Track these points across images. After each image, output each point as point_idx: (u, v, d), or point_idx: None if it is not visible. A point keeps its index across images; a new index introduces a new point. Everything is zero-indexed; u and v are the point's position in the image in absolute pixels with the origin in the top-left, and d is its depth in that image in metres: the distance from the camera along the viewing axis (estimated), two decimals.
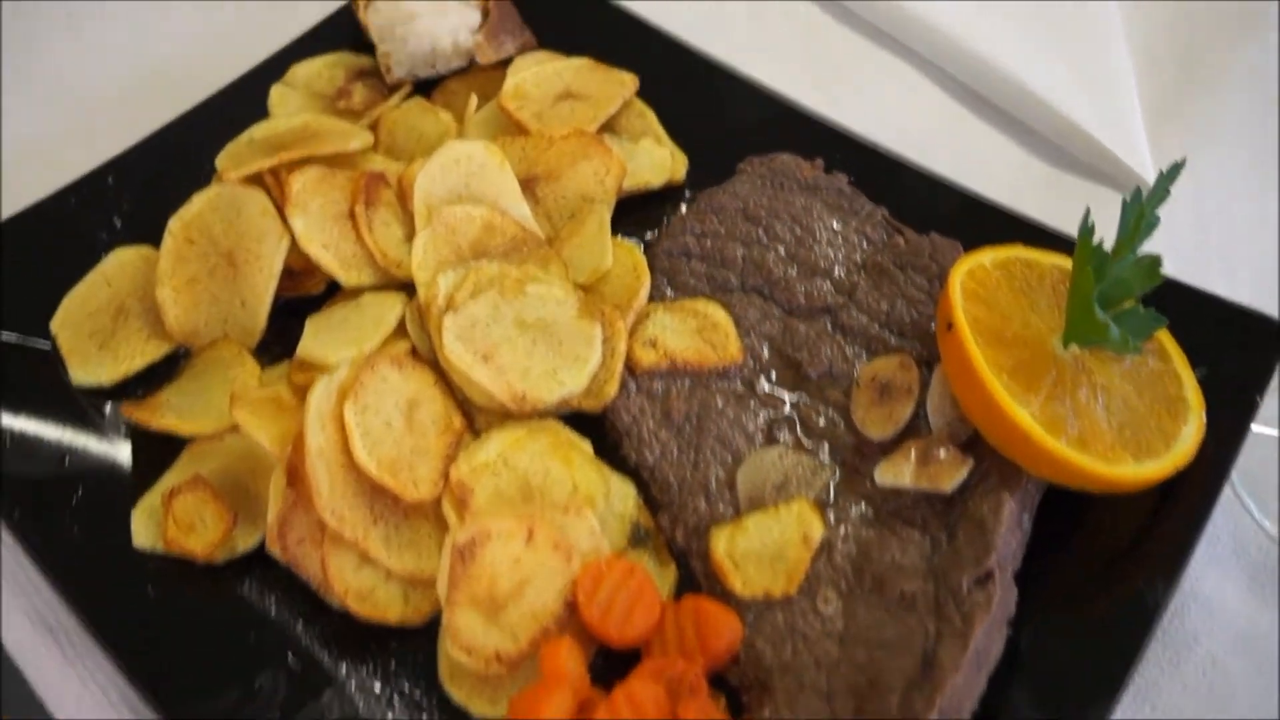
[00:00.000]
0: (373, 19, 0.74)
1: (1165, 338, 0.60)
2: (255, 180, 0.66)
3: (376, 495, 0.56)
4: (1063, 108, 0.76)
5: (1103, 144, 0.74)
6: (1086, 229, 0.55)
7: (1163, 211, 0.70)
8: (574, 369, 0.60)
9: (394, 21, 0.73)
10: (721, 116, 0.74)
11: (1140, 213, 0.57)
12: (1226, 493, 0.58)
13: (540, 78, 0.73)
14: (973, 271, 0.59)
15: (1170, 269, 0.58)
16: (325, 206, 0.66)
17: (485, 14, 0.75)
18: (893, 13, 0.83)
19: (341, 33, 0.78)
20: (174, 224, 0.66)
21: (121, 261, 0.69)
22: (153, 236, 0.67)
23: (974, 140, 0.78)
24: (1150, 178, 0.73)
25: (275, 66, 0.77)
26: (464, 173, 0.66)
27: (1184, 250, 0.72)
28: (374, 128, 0.73)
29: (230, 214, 0.66)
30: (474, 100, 0.72)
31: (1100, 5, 0.82)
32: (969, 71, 0.80)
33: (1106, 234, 0.72)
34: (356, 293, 0.65)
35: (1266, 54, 0.82)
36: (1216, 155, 0.77)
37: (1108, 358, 0.57)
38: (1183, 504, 0.57)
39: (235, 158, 0.69)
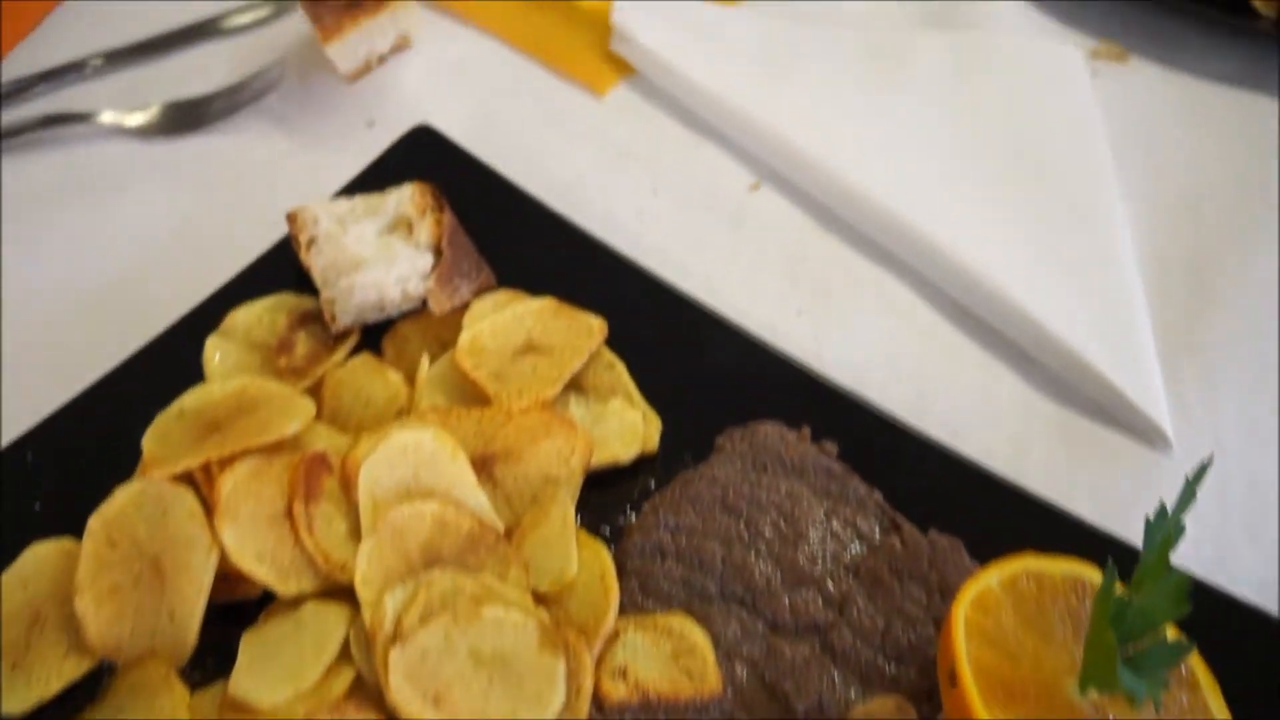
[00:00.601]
0: (315, 261, 0.70)
1: (1193, 659, 0.55)
2: (184, 474, 0.61)
3: None
4: (1073, 344, 0.71)
5: (1116, 386, 0.69)
6: (1106, 586, 0.50)
7: (1176, 465, 0.66)
8: (534, 710, 0.54)
9: (338, 268, 0.68)
10: (699, 363, 0.70)
11: (1166, 535, 0.52)
12: None
13: (499, 327, 0.69)
14: (978, 600, 0.54)
15: (1186, 535, 0.53)
16: (259, 509, 0.61)
17: (438, 253, 0.70)
18: (887, 225, 0.78)
19: (284, 269, 0.73)
20: (94, 523, 0.61)
21: (39, 558, 0.63)
22: (77, 523, 0.62)
23: (975, 373, 0.73)
24: (1166, 426, 0.69)
25: (211, 310, 0.72)
26: (413, 463, 0.62)
27: (1201, 511, 0.67)
28: (317, 386, 0.68)
29: (155, 514, 0.61)
30: (425, 362, 0.67)
31: (1110, 225, 0.78)
32: (970, 295, 0.76)
33: (1121, 496, 0.67)
34: (297, 600, 0.60)
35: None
36: (1235, 394, 0.72)
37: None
38: None
39: (163, 437, 0.64)
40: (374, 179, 0.77)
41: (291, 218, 0.71)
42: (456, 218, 0.74)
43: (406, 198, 0.72)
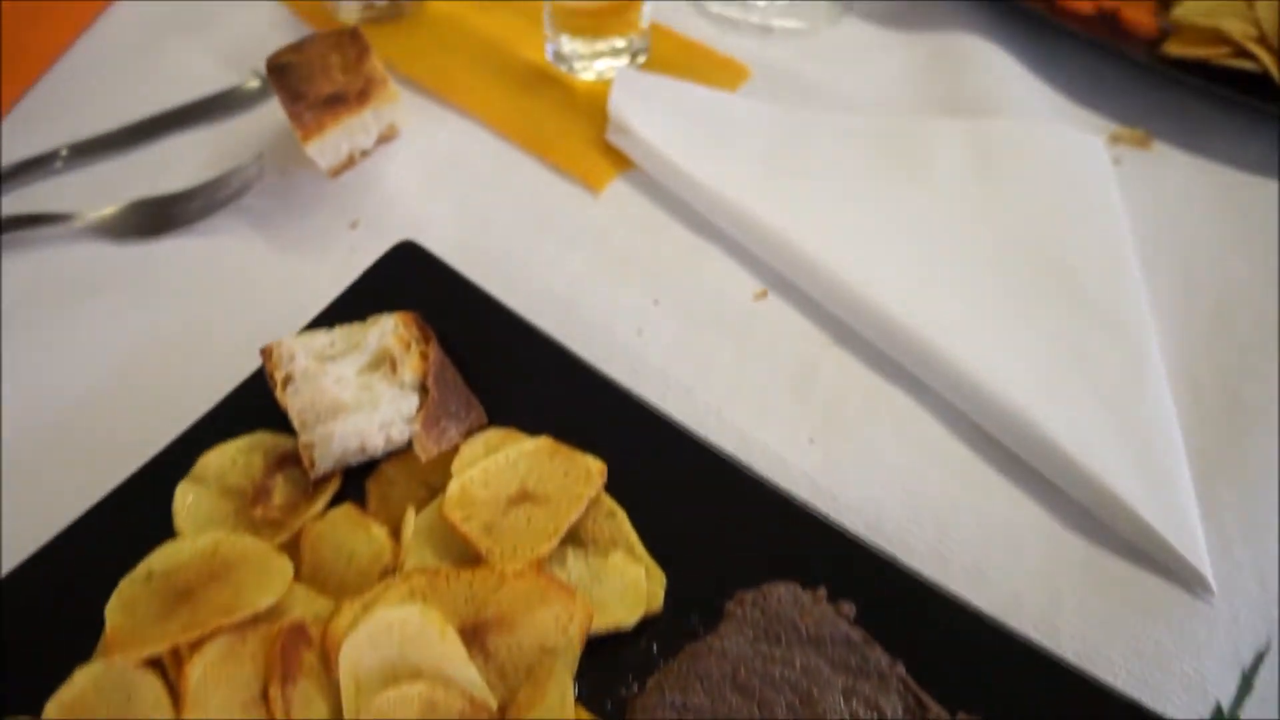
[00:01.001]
0: (292, 401, 0.65)
1: None
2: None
3: None
4: (1105, 479, 0.67)
5: (1152, 527, 0.65)
6: None
7: (1218, 612, 0.62)
8: None
9: (317, 412, 0.64)
10: (706, 508, 0.65)
11: None
12: None
13: (490, 475, 0.64)
14: None
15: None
16: (231, 694, 0.56)
17: (423, 390, 0.65)
18: (902, 341, 0.74)
19: (261, 401, 0.68)
20: (51, 710, 0.57)
21: None
22: (35, 700, 0.58)
23: (1001, 510, 0.69)
24: (1207, 572, 0.65)
25: (182, 449, 0.67)
26: (397, 641, 0.57)
27: (1245, 658, 0.62)
28: (296, 539, 0.64)
29: (118, 701, 0.57)
30: (411, 515, 0.63)
31: (1139, 338, 0.73)
32: (993, 421, 0.71)
33: (1160, 647, 0.63)
34: None
35: None
36: (1277, 524, 0.67)
37: None
38: None
39: (128, 607, 0.60)
40: (355, 300, 0.72)
41: (266, 353, 0.67)
42: (444, 344, 0.70)
43: (389, 331, 0.67)
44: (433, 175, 0.89)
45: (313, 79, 0.83)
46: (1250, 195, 0.86)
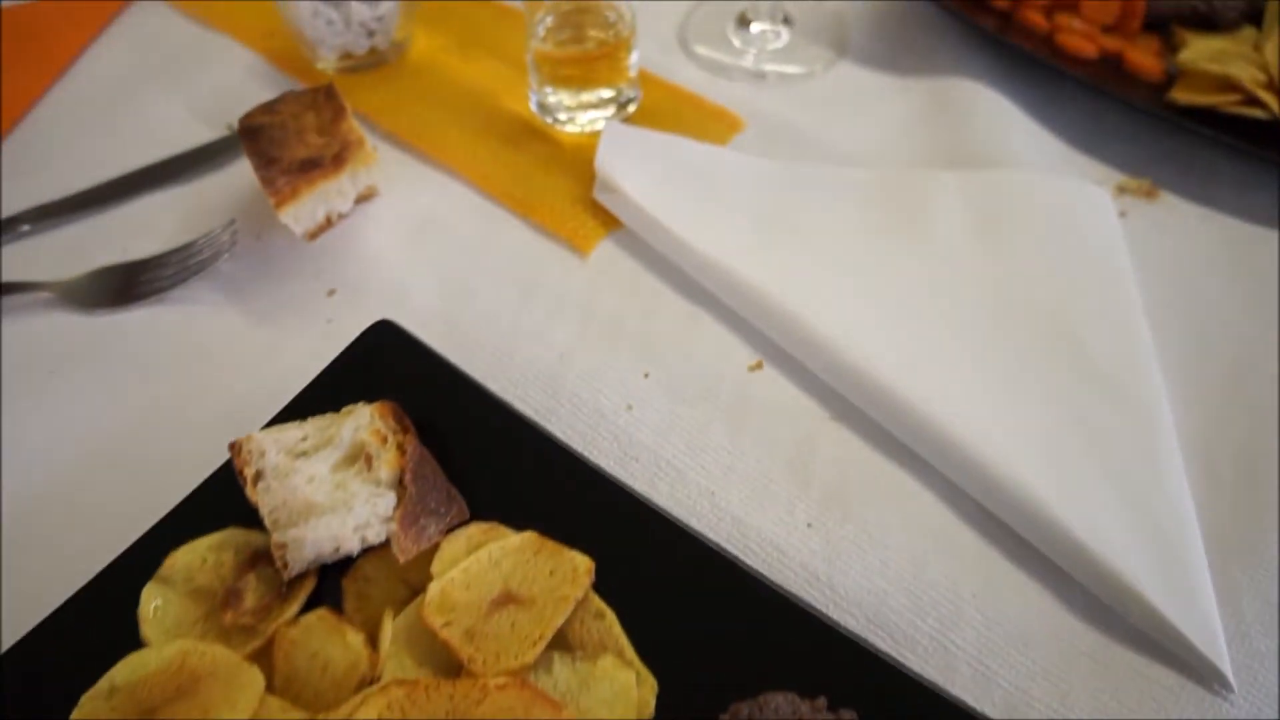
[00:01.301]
0: (263, 499, 0.63)
1: None
2: None
3: None
4: (1117, 567, 0.65)
5: (1169, 620, 0.63)
6: None
7: (1238, 710, 0.61)
8: None
9: (289, 512, 0.62)
10: (698, 608, 0.62)
11: None
12: None
13: (472, 575, 0.62)
14: None
15: None
16: None
17: (401, 486, 0.63)
18: (904, 418, 0.72)
19: (232, 493, 0.65)
20: None
21: None
22: None
23: (1007, 599, 0.66)
24: (1226, 668, 0.62)
25: (149, 546, 0.65)
26: None
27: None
28: (268, 645, 0.61)
29: None
30: (389, 623, 0.60)
31: (1151, 411, 0.71)
32: (999, 504, 0.69)
33: None
34: None
35: None
36: None
37: None
38: None
39: None
40: (330, 386, 0.70)
41: (235, 449, 0.64)
42: (423, 431, 0.67)
43: (365, 424, 0.64)
44: (413, 237, 0.86)
45: (286, 142, 0.81)
46: (1260, 249, 0.84)
